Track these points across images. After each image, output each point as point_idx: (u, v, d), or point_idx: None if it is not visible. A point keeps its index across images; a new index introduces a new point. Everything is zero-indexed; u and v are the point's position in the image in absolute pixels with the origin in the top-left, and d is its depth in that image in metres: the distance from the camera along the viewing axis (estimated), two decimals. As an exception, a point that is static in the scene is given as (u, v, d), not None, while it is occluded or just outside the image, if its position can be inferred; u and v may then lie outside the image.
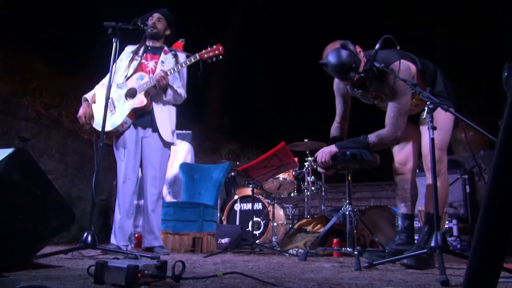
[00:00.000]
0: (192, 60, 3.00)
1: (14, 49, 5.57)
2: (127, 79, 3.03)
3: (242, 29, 10.26)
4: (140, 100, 2.95)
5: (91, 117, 3.01)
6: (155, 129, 3.02)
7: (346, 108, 2.81)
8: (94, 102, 3.03)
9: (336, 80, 2.74)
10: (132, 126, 3.00)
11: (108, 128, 2.92)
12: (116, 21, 2.61)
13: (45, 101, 5.03)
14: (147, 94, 2.98)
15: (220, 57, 3.04)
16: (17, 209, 1.66)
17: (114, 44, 2.61)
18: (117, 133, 2.98)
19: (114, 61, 2.62)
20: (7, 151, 1.64)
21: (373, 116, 2.87)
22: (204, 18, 9.73)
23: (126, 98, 2.98)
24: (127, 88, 3.00)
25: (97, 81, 3.16)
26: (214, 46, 3.03)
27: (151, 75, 3.00)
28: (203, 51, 3.02)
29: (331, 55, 2.37)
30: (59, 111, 5.08)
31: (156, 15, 3.17)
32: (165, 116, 3.08)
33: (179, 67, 3.00)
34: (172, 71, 2.98)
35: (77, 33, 7.11)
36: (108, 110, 2.94)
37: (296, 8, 10.79)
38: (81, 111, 3.02)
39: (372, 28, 8.11)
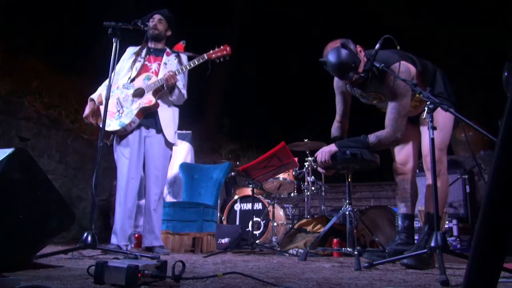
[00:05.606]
0: (201, 60, 3.01)
1: (14, 49, 5.57)
2: (132, 80, 3.03)
3: (243, 29, 10.26)
4: (148, 99, 2.95)
5: (98, 116, 3.02)
6: (159, 130, 3.03)
7: (346, 106, 2.81)
8: (100, 103, 3.02)
9: (336, 78, 2.74)
10: None
11: (116, 127, 2.92)
12: (116, 21, 2.61)
13: (45, 101, 5.01)
14: (155, 93, 2.98)
15: (227, 57, 3.05)
16: (17, 209, 1.66)
17: (114, 44, 2.61)
18: (125, 132, 2.97)
19: (114, 61, 2.62)
20: (7, 151, 1.64)
21: (374, 116, 2.87)
22: (204, 18, 9.73)
23: (133, 98, 2.98)
24: (134, 88, 3.00)
25: (97, 81, 3.16)
26: (222, 47, 3.05)
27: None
28: (211, 51, 3.03)
29: (330, 53, 2.38)
30: (59, 111, 5.07)
31: (157, 17, 3.17)
32: (169, 117, 3.08)
33: (188, 66, 3.00)
34: (180, 70, 2.98)
35: (77, 33, 7.11)
36: (116, 110, 2.95)
37: (297, 8, 10.79)
38: (87, 111, 3.02)
39: (373, 28, 8.10)
